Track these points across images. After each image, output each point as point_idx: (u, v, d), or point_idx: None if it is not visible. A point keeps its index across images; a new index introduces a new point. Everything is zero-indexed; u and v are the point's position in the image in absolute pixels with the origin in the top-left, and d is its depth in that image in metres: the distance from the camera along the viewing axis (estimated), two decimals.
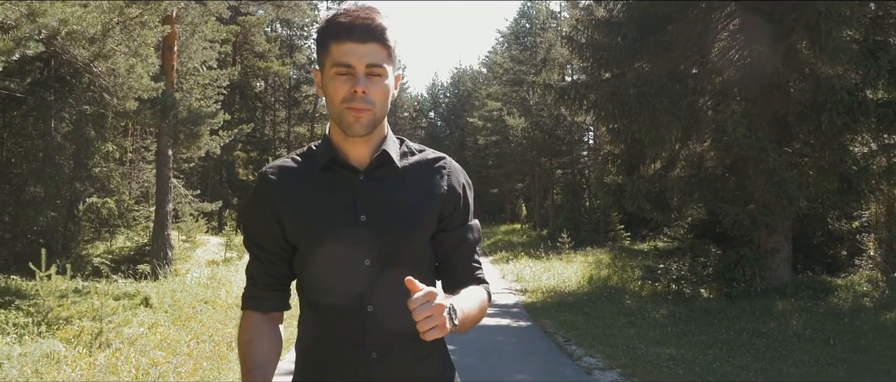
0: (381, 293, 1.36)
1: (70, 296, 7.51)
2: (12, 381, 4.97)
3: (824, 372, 6.41)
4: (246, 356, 1.37)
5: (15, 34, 4.84)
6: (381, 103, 1.35)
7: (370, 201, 1.37)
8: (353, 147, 1.39)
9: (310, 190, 1.40)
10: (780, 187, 9.60)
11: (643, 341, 7.90)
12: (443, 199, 1.43)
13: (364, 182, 1.39)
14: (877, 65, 9.21)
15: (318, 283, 1.39)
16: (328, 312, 1.39)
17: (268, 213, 1.40)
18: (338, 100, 1.32)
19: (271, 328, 1.43)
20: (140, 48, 6.88)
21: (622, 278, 13.98)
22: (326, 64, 1.34)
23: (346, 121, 1.33)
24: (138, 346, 6.57)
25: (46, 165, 14.74)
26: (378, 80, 1.32)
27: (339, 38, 1.31)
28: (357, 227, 1.35)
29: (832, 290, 10.87)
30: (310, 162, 1.44)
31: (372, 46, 1.31)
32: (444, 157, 1.50)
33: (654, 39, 11.03)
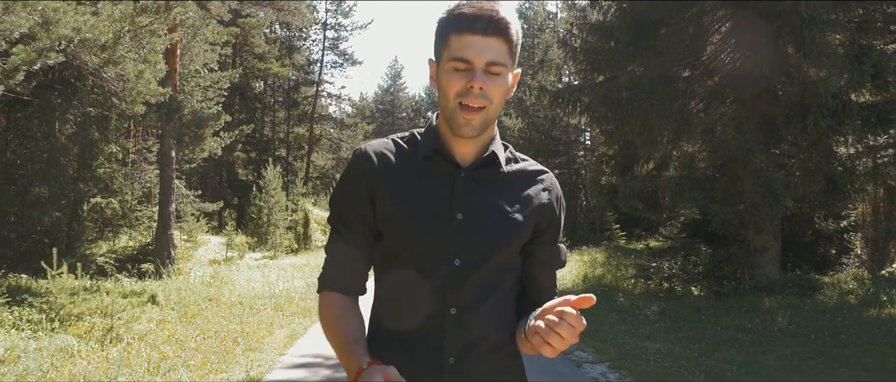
0: (465, 296, 1.31)
1: (81, 294, 7.77)
2: (33, 372, 5.25)
3: (803, 366, 6.71)
4: (340, 332, 1.32)
5: (37, 45, 5.13)
6: (497, 102, 1.30)
7: (468, 200, 1.33)
8: (459, 142, 1.35)
9: (408, 176, 1.35)
10: (766, 187, 9.90)
11: (633, 336, 8.20)
12: (541, 211, 1.39)
13: (465, 179, 1.35)
14: (860, 70, 9.50)
15: (401, 277, 1.34)
16: (408, 307, 1.34)
17: (362, 191, 1.35)
18: (451, 95, 1.28)
19: (355, 305, 1.39)
20: (149, 55, 7.16)
21: (616, 276, 14.27)
22: (443, 56, 1.29)
23: (456, 121, 1.29)
24: (148, 341, 6.86)
25: (51, 166, 15.01)
26: (496, 77, 1.27)
27: (459, 29, 1.26)
28: (451, 225, 1.31)
29: (819, 288, 11.17)
30: (412, 148, 1.39)
31: (494, 40, 1.25)
32: (547, 171, 1.47)
33: (646, 43, 11.32)
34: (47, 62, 5.37)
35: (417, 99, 63.07)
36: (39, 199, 15.01)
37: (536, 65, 31.84)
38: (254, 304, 10.02)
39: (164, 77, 8.40)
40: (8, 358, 4.98)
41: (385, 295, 1.38)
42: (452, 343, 1.31)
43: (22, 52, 5.02)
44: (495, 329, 1.35)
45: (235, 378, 5.78)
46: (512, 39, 1.27)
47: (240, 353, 6.73)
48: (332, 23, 35.56)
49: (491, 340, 1.33)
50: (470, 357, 1.32)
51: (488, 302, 1.33)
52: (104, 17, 6.63)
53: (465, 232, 1.31)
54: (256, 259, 18.51)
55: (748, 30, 10.97)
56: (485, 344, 1.33)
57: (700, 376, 6.28)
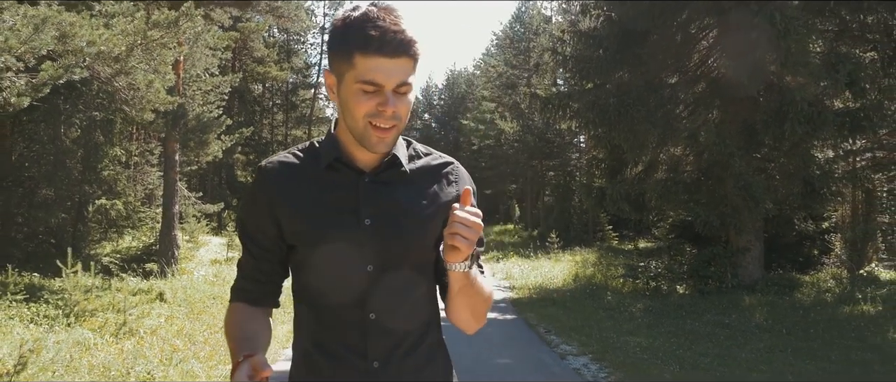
0: (383, 300, 1.32)
1: (94, 291, 8.21)
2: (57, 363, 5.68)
3: (773, 358, 7.18)
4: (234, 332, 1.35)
5: (63, 62, 5.57)
6: (404, 117, 1.30)
7: (375, 204, 1.33)
8: (361, 149, 1.34)
9: (311, 188, 1.35)
10: (746, 190, 10.38)
11: (617, 332, 8.66)
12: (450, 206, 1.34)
13: (369, 184, 1.34)
14: (835, 78, 9.98)
15: (317, 287, 1.35)
16: (327, 318, 1.34)
17: (264, 209, 1.36)
18: (360, 115, 1.27)
19: (261, 314, 1.41)
20: (159, 66, 7.60)
21: (606, 276, 14.74)
22: (348, 75, 1.26)
23: (369, 140, 1.29)
24: (159, 335, 7.30)
25: (57, 169, 15.42)
26: (405, 96, 1.28)
27: (366, 51, 1.23)
28: (360, 231, 1.31)
29: (798, 286, 11.64)
30: (312, 159, 1.38)
31: (402, 62, 1.24)
32: (452, 162, 1.46)
33: (633, 52, 11.79)
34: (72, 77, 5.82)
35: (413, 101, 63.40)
36: (46, 201, 15.40)
37: (531, 69, 32.30)
38: None
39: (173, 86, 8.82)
40: (36, 349, 5.42)
41: (304, 307, 1.38)
42: (375, 347, 1.32)
43: (50, 69, 5.46)
44: (417, 328, 1.38)
45: None
46: (417, 56, 1.27)
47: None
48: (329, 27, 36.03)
49: (412, 340, 1.36)
50: (393, 359, 1.33)
51: (407, 303, 1.35)
52: (118, 31, 7.07)
53: (375, 237, 1.31)
54: None
55: (731, 38, 11.47)
56: (406, 345, 1.35)
57: (675, 367, 6.74)
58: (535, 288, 13.76)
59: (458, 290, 1.31)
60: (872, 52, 11.74)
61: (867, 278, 11.98)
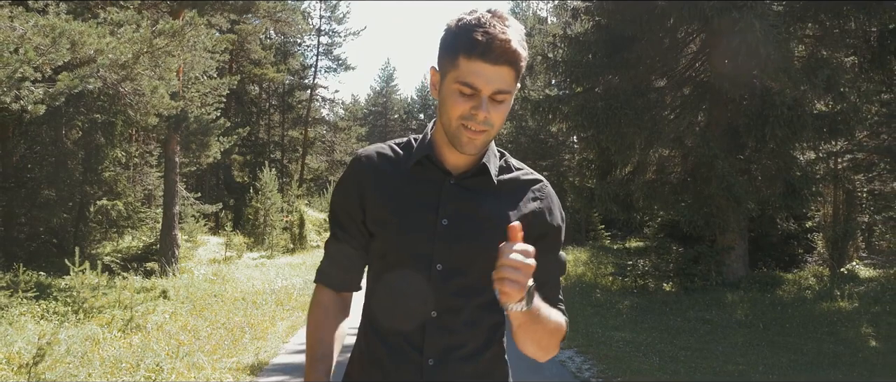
0: (447, 300, 1.34)
1: (100, 289, 8.54)
2: (71, 355, 6.02)
3: (749, 351, 7.57)
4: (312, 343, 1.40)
5: (78, 72, 5.91)
6: (498, 125, 1.31)
7: (455, 207, 1.36)
8: (453, 151, 1.37)
9: (399, 181, 1.39)
10: (729, 191, 10.77)
11: (603, 327, 9.03)
12: (530, 219, 1.38)
13: (454, 187, 1.37)
14: (813, 83, 10.37)
15: (386, 278, 1.39)
16: (393, 309, 1.38)
17: (354, 194, 1.41)
18: (455, 116, 1.29)
19: (340, 310, 1.47)
20: (164, 73, 7.94)
21: (596, 274, 15.12)
22: (450, 74, 1.29)
23: (459, 140, 1.31)
24: (165, 330, 7.65)
25: (59, 170, 15.73)
26: (500, 105, 1.29)
27: (470, 54, 1.25)
28: (436, 229, 1.34)
29: (780, 284, 12.02)
30: (406, 154, 1.43)
31: (503, 70, 1.25)
32: (541, 180, 1.47)
33: (621, 57, 12.17)
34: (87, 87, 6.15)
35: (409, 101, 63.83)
36: (48, 201, 15.71)
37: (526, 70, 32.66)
38: (256, 300, 10.80)
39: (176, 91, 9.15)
40: (53, 341, 5.75)
41: (374, 294, 1.43)
42: (432, 345, 1.34)
43: (66, 79, 5.80)
44: (477, 335, 1.39)
45: (246, 360, 6.58)
46: (520, 67, 1.29)
47: (247, 341, 7.53)
48: (325, 29, 36.39)
49: (472, 345, 1.37)
50: (449, 360, 1.35)
51: (470, 307, 1.36)
52: (125, 39, 7.41)
53: (449, 237, 1.33)
54: (254, 258, 19.26)
55: (715, 44, 11.86)
56: (465, 349, 1.36)
57: (656, 359, 7.12)
58: None
59: (519, 326, 1.29)
60: (853, 57, 12.16)
61: (848, 275, 12.36)
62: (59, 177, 15.68)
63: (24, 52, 5.24)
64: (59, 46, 5.65)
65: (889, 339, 8.23)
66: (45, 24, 6.81)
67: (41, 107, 5.88)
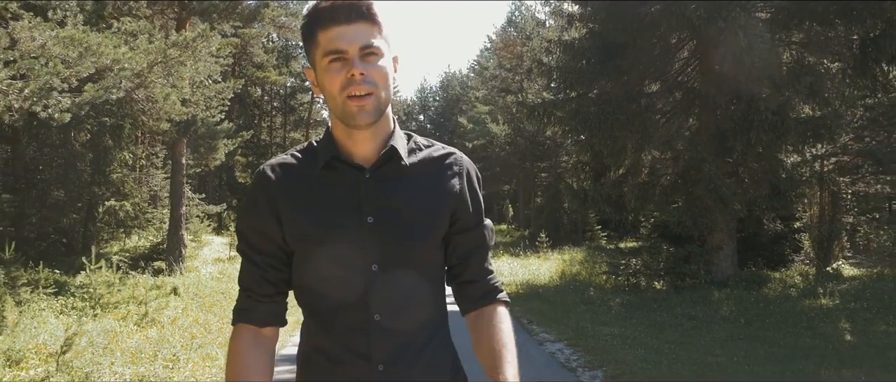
0: (388, 300, 1.29)
1: (115, 285, 9.00)
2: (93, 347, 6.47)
3: (729, 344, 8.01)
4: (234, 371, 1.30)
5: (103, 83, 6.35)
6: (382, 84, 1.26)
7: (377, 202, 1.30)
8: (357, 143, 1.32)
9: (311, 189, 1.32)
10: (716, 193, 11.21)
11: (593, 322, 9.47)
12: (455, 199, 1.36)
13: (370, 181, 1.31)
14: (796, 89, 10.82)
15: (319, 289, 1.31)
16: (330, 321, 1.31)
17: (266, 213, 1.32)
18: (336, 90, 1.24)
19: (266, 349, 1.35)
20: (176, 81, 8.40)
21: (590, 273, 15.57)
22: (317, 56, 1.27)
23: (349, 113, 1.25)
24: (178, 325, 8.10)
25: (68, 171, 16.20)
26: (374, 60, 1.24)
27: (323, 24, 1.24)
28: (363, 230, 1.28)
29: (767, 282, 12.46)
30: (311, 159, 1.35)
31: (361, 25, 1.23)
32: (454, 152, 1.42)
33: (613, 63, 12.62)
34: (111, 97, 6.60)
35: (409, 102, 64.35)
36: (57, 202, 16.19)
37: (524, 73, 33.11)
38: None
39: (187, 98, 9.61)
40: (79, 332, 6.20)
41: (307, 312, 1.36)
42: (379, 350, 1.28)
43: (91, 90, 6.24)
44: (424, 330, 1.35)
45: None
46: (378, 21, 1.26)
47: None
48: None
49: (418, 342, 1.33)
50: (400, 362, 1.30)
51: (413, 302, 1.32)
52: (141, 50, 7.87)
53: (379, 234, 1.28)
54: None
55: (703, 52, 12.32)
56: (413, 347, 1.32)
57: (641, 351, 7.56)
58: (523, 284, 14.57)
59: None
60: (838, 63, 12.58)
61: (832, 274, 12.82)
62: (69, 178, 16.15)
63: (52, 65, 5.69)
64: (86, 59, 6.11)
65: (863, 334, 8.67)
66: (65, 36, 7.27)
67: (67, 115, 6.33)
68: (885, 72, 11.64)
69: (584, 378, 6.42)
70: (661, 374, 6.44)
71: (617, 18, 12.40)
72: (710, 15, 10.41)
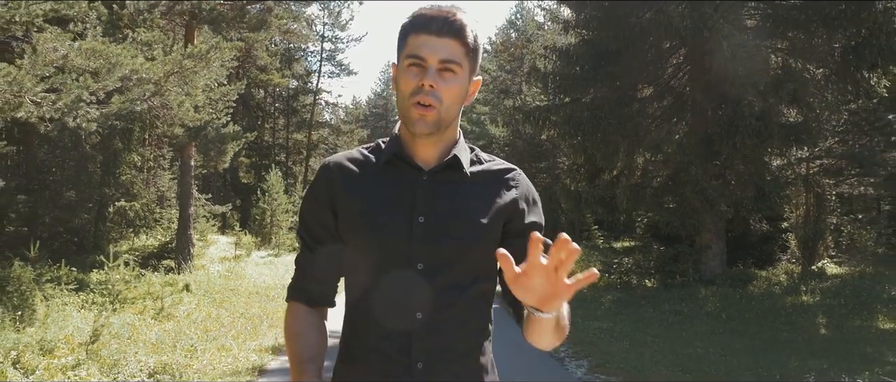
0: (431, 300, 1.31)
1: (132, 282, 9.52)
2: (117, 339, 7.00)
3: (710, 337, 8.54)
4: (296, 348, 1.36)
5: (129, 96, 6.88)
6: (449, 103, 1.31)
7: (431, 203, 1.33)
8: (421, 146, 1.36)
9: (370, 183, 1.36)
10: (702, 195, 11.73)
11: (584, 318, 9.97)
12: (509, 211, 1.38)
13: (427, 183, 1.35)
14: (779, 96, 11.33)
15: (366, 282, 1.35)
16: (374, 315, 1.33)
17: (324, 201, 1.38)
18: (407, 93, 1.29)
19: (319, 320, 1.42)
20: (191, 90, 8.92)
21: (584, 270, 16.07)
22: (402, 57, 1.32)
23: (410, 118, 1.30)
24: (192, 319, 8.63)
25: (80, 173, 16.72)
26: (450, 77, 1.29)
27: (416, 29, 1.29)
28: (413, 229, 1.31)
29: (753, 280, 12.98)
30: (375, 156, 1.41)
31: (448, 41, 1.28)
32: (514, 169, 1.45)
33: (606, 70, 13.15)
34: (135, 108, 7.12)
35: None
36: (69, 203, 16.70)
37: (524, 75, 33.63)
38: (268, 293, 11.78)
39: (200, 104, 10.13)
40: (106, 323, 6.73)
41: (353, 302, 1.39)
42: (420, 347, 1.31)
43: (118, 102, 6.76)
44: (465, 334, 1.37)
45: (267, 343, 7.56)
46: (468, 42, 1.30)
47: (266, 328, 8.52)
48: (329, 36, 37.47)
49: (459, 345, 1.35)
50: (439, 362, 1.32)
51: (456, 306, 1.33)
52: (158, 61, 8.39)
53: (428, 235, 1.31)
54: (262, 256, 20.22)
55: (691, 60, 12.83)
56: (455, 349, 1.34)
57: (625, 343, 8.09)
58: None
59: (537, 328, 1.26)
60: (823, 69, 13.08)
61: (817, 273, 13.33)
62: (80, 179, 16.66)
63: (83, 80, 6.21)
64: (113, 73, 6.64)
65: (838, 328, 9.20)
66: (87, 48, 7.79)
67: (93, 124, 6.86)
68: (867, 79, 12.13)
69: (570, 367, 6.95)
70: (642, 364, 6.96)
71: (609, 26, 12.94)
72: (696, 25, 10.93)
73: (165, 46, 8.86)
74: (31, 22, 7.46)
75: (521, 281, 1.11)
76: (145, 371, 6.07)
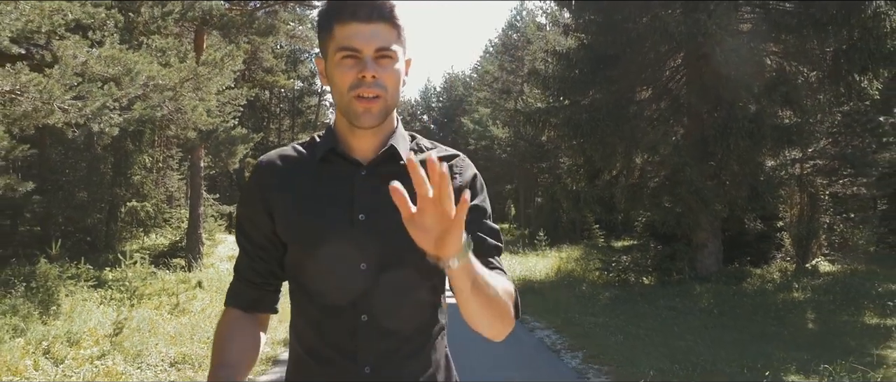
0: (377, 301, 1.27)
1: (148, 279, 9.95)
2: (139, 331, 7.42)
3: (700, 330, 8.92)
4: (217, 352, 1.30)
5: (149, 102, 7.29)
6: (392, 89, 1.25)
7: (371, 199, 1.27)
8: (358, 139, 1.31)
9: (305, 182, 1.31)
10: (697, 194, 12.10)
11: (581, 313, 10.38)
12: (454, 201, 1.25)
13: (366, 177, 1.29)
14: (771, 98, 11.70)
15: (308, 286, 1.30)
16: (318, 319, 1.29)
17: (258, 204, 1.33)
18: (345, 88, 1.23)
19: (250, 326, 1.36)
20: (205, 95, 9.34)
21: (584, 269, 16.48)
22: (330, 49, 1.24)
23: (354, 111, 1.24)
24: (207, 313, 9.05)
25: (91, 173, 17.20)
26: (388, 64, 1.23)
27: (342, 18, 1.22)
28: (354, 227, 1.26)
29: (747, 278, 13.35)
30: (310, 152, 1.35)
31: (380, 26, 1.22)
32: (457, 155, 1.40)
33: (604, 74, 13.53)
34: (156, 115, 7.54)
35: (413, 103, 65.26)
36: (82, 203, 17.18)
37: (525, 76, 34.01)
38: None
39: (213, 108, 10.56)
40: (129, 317, 7.15)
41: (297, 307, 1.34)
42: (366, 351, 1.27)
43: (140, 108, 7.18)
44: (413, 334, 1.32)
45: (279, 337, 7.98)
46: (398, 23, 1.24)
47: (276, 322, 8.93)
48: None
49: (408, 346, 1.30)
50: (387, 365, 1.28)
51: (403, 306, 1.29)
52: (174, 68, 8.81)
53: (370, 234, 1.26)
54: None
55: (689, 62, 13.21)
56: (402, 350, 1.30)
57: (620, 337, 8.48)
58: (520, 279, 15.49)
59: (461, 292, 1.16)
60: (816, 72, 13.44)
61: (810, 270, 13.70)
62: (92, 180, 17.16)
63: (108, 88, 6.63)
64: (135, 81, 7.06)
65: (826, 323, 9.57)
66: (107, 55, 8.22)
67: (116, 129, 7.29)
68: (858, 82, 12.49)
69: (565, 358, 7.34)
70: (634, 355, 7.34)
71: (607, 31, 13.32)
72: (690, 31, 11.30)
73: (179, 52, 9.27)
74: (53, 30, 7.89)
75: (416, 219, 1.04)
76: (167, 361, 6.49)
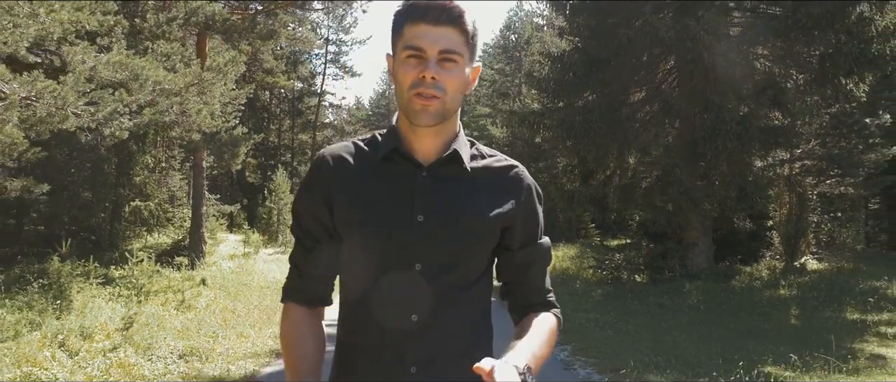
0: (428, 302, 1.27)
1: (154, 277, 10.28)
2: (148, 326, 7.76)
3: (687, 326, 9.27)
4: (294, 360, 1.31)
5: (158, 108, 7.62)
6: (452, 93, 1.26)
7: (431, 201, 1.29)
8: (420, 139, 1.31)
9: (367, 179, 1.31)
10: (687, 195, 12.45)
11: (574, 309, 10.70)
12: (511, 211, 1.34)
13: (427, 179, 1.30)
14: (759, 101, 12.05)
15: (362, 282, 1.31)
16: (368, 317, 1.29)
17: (318, 197, 1.33)
18: (406, 86, 1.24)
19: (315, 325, 1.37)
20: (209, 99, 9.67)
21: (579, 267, 16.83)
22: (398, 47, 1.27)
23: (412, 109, 1.25)
24: (211, 310, 9.39)
25: (96, 174, 17.52)
26: (451, 67, 1.25)
27: (413, 19, 1.24)
28: (412, 227, 1.27)
29: (736, 275, 13.70)
30: (372, 150, 1.35)
31: (446, 30, 1.24)
32: (516, 165, 1.41)
33: (597, 77, 13.88)
34: (164, 120, 7.87)
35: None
36: (86, 202, 17.49)
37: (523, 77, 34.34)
38: (278, 287, 12.47)
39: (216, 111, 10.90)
40: (139, 312, 7.49)
41: (348, 302, 1.34)
42: (414, 351, 1.27)
43: (149, 113, 7.51)
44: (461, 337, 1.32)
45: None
46: (466, 29, 1.26)
47: (276, 321, 9.27)
48: (333, 38, 38.29)
49: (456, 348, 1.30)
50: (433, 367, 1.28)
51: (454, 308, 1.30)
52: (179, 73, 9.15)
53: (427, 234, 1.27)
54: (269, 254, 20.99)
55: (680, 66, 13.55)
56: (449, 353, 1.29)
57: (610, 332, 8.83)
58: None
59: None
60: (804, 75, 13.77)
61: (798, 268, 14.05)
62: (96, 180, 17.48)
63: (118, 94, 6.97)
64: (144, 87, 7.39)
65: (809, 319, 9.93)
66: (115, 61, 8.56)
67: (126, 133, 7.62)
68: (844, 84, 12.82)
69: (554, 351, 7.68)
70: (621, 349, 7.69)
71: (600, 36, 13.67)
72: (680, 36, 11.64)
73: (184, 58, 9.60)
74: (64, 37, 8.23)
75: None
76: (176, 353, 6.83)
